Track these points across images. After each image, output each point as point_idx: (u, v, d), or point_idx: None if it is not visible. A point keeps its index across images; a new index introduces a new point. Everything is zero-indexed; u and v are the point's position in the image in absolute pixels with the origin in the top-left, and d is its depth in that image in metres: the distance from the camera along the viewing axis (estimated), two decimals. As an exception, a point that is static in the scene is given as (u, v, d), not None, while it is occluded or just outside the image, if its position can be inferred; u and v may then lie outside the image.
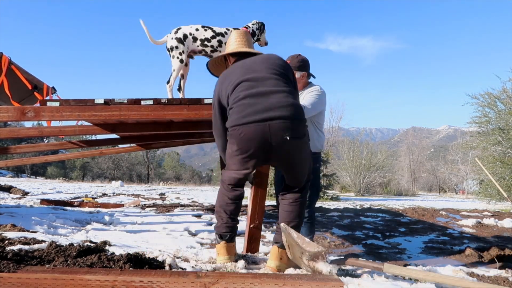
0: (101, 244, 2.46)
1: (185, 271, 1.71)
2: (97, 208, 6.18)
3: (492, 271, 2.43)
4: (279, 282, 1.44)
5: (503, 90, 9.85)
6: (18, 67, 3.66)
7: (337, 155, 24.56)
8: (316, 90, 2.86)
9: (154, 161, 47.57)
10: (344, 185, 23.66)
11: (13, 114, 2.61)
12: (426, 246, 3.89)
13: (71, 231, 3.45)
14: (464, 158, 30.85)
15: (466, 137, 23.06)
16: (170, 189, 17.61)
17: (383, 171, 23.61)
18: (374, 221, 6.03)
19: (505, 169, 9.17)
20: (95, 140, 5.48)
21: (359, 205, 10.00)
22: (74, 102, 2.59)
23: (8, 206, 5.59)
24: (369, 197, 18.55)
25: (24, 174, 40.98)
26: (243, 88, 1.95)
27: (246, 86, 1.95)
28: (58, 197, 8.52)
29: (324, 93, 2.88)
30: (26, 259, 1.70)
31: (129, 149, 7.08)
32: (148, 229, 3.96)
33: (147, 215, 5.36)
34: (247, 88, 1.94)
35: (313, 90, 2.86)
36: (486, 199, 10.26)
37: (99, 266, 1.67)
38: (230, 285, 1.41)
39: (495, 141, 9.69)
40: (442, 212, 7.38)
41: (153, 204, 7.76)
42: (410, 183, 41.07)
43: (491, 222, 5.86)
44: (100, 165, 43.85)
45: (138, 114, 2.59)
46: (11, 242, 2.16)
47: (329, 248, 3.67)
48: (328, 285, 1.45)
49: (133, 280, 1.38)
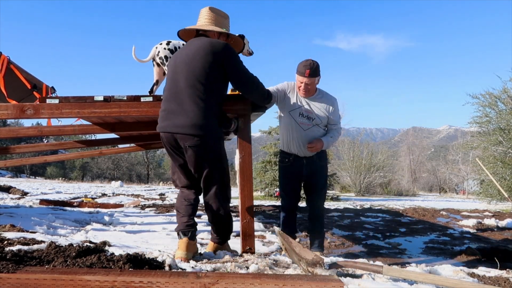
0: (101, 244, 2.46)
1: (185, 272, 1.71)
2: (96, 209, 6.18)
3: (493, 271, 2.42)
4: (279, 282, 1.43)
5: (504, 90, 9.84)
6: (17, 67, 3.65)
7: (337, 155, 24.55)
8: (337, 107, 3.12)
9: (154, 161, 47.56)
10: (344, 185, 23.66)
11: (13, 111, 2.59)
12: (427, 246, 3.89)
13: (71, 232, 3.44)
14: (464, 158, 30.84)
15: (467, 137, 23.07)
16: (170, 189, 17.60)
17: (383, 171, 23.61)
18: (375, 221, 6.03)
19: (505, 169, 9.16)
20: (94, 140, 5.48)
21: (360, 205, 10.00)
22: (74, 100, 2.59)
23: (7, 207, 5.59)
24: (369, 197, 18.55)
25: (24, 174, 40.98)
26: (164, 99, 2.32)
27: (166, 97, 2.30)
28: (57, 197, 8.52)
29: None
30: (25, 260, 1.69)
31: (129, 149, 7.08)
32: (148, 229, 3.96)
33: (147, 215, 5.35)
34: (166, 99, 2.29)
35: (336, 105, 3.09)
36: (487, 199, 10.25)
37: (98, 266, 1.66)
38: (230, 285, 1.41)
39: (495, 141, 9.68)
40: (443, 212, 7.37)
41: (153, 204, 7.75)
42: (410, 183, 41.04)
43: (492, 223, 5.85)
44: (100, 165, 43.85)
45: (138, 111, 2.58)
46: (10, 242, 2.15)
47: (329, 248, 3.66)
48: (328, 285, 1.44)
49: (133, 280, 1.38)
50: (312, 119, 2.99)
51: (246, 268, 2.01)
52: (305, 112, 2.99)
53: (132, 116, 2.93)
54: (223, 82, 2.30)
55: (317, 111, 2.99)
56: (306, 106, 2.99)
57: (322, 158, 3.12)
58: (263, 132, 14.76)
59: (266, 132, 14.56)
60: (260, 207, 7.85)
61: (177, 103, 2.20)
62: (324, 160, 3.15)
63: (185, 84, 2.20)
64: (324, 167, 3.17)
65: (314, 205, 3.15)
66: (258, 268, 1.97)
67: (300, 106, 2.99)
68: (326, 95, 3.08)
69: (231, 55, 2.25)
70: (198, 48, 2.23)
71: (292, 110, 3.01)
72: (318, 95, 3.05)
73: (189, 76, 2.19)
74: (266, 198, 13.69)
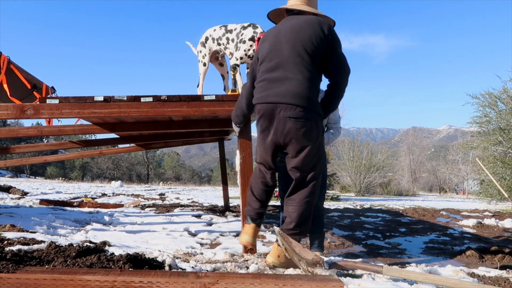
0: (101, 244, 2.46)
1: (185, 272, 1.71)
2: (96, 208, 6.18)
3: (493, 271, 2.42)
4: (279, 282, 1.43)
5: (504, 90, 9.84)
6: (17, 67, 3.65)
7: (337, 155, 24.54)
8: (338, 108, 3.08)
9: (154, 161, 47.56)
10: (344, 185, 23.64)
11: (13, 111, 2.60)
12: (427, 247, 3.88)
13: (71, 232, 3.44)
14: (464, 158, 30.84)
15: (467, 137, 23.06)
16: (170, 189, 17.60)
17: (383, 171, 23.60)
18: (375, 221, 6.02)
19: (505, 169, 9.16)
20: (94, 140, 5.48)
21: (359, 205, 9.99)
22: (74, 100, 2.59)
23: (7, 206, 5.58)
24: (369, 197, 18.54)
25: (24, 174, 40.97)
26: (264, 69, 2.16)
27: (267, 68, 2.14)
28: (57, 197, 8.51)
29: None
30: (25, 260, 1.69)
31: (129, 149, 7.08)
32: (147, 229, 3.96)
33: (146, 215, 5.35)
34: (267, 71, 2.13)
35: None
36: (487, 199, 10.24)
37: (98, 266, 1.66)
38: (230, 285, 1.41)
39: (495, 141, 9.68)
40: (443, 212, 7.37)
41: (152, 204, 7.75)
42: (410, 183, 41.04)
43: (492, 222, 5.85)
44: (100, 165, 43.83)
45: (137, 111, 2.58)
46: (10, 242, 2.15)
47: (329, 248, 3.66)
48: (328, 285, 1.44)
49: (133, 280, 1.38)
50: None
51: (246, 268, 2.01)
52: None
53: (132, 116, 2.93)
54: (324, 61, 2.14)
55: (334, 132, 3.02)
56: None
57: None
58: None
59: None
60: (260, 207, 7.83)
61: (281, 71, 2.07)
62: (323, 160, 3.16)
63: (291, 52, 2.07)
64: (323, 167, 3.18)
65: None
66: (258, 268, 1.98)
67: None
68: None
69: (336, 37, 2.16)
70: (305, 21, 2.13)
71: None
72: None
73: (297, 45, 2.07)
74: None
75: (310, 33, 2.08)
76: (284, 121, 2.02)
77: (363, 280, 1.80)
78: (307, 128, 2.04)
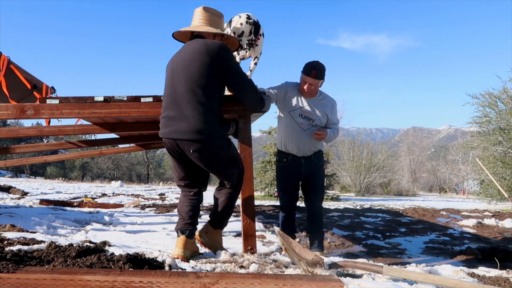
0: (101, 244, 2.46)
1: (185, 272, 1.71)
2: (96, 208, 6.18)
3: (493, 271, 2.42)
4: (279, 282, 1.43)
5: (504, 90, 9.84)
6: (17, 67, 3.65)
7: (337, 155, 24.55)
8: (336, 109, 3.23)
9: (154, 161, 47.54)
10: (344, 185, 23.65)
11: (13, 111, 2.59)
12: (427, 246, 3.89)
13: (71, 232, 3.44)
14: (464, 158, 30.82)
15: (467, 137, 23.05)
16: (170, 189, 17.60)
17: (383, 171, 23.61)
18: (375, 221, 6.03)
19: (505, 169, 9.16)
20: (94, 140, 5.48)
21: (359, 205, 10.00)
22: (74, 100, 2.58)
23: (7, 206, 5.58)
24: (369, 197, 18.55)
25: (24, 174, 40.96)
26: (164, 105, 2.31)
27: (166, 105, 2.29)
28: (57, 197, 8.52)
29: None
30: (25, 260, 1.69)
31: (129, 149, 7.08)
32: (148, 229, 3.96)
33: (147, 215, 5.35)
34: (166, 108, 2.28)
35: (335, 107, 3.18)
36: (487, 199, 10.24)
37: (98, 266, 1.66)
38: (230, 285, 1.41)
39: (495, 141, 9.68)
40: (443, 212, 7.37)
41: (153, 204, 7.75)
42: (410, 183, 41.04)
43: (492, 222, 5.86)
44: (100, 165, 43.83)
45: (138, 112, 2.58)
46: (10, 242, 2.15)
47: (329, 248, 3.66)
48: (328, 285, 1.44)
49: (133, 280, 1.38)
50: (312, 120, 3.01)
51: (246, 268, 2.01)
52: (305, 113, 3.00)
53: (132, 117, 2.93)
54: (221, 83, 2.29)
55: (317, 113, 3.02)
56: (307, 107, 3.01)
57: (319, 158, 3.14)
58: (263, 132, 14.76)
59: (266, 132, 14.56)
60: (260, 207, 7.85)
61: (177, 109, 2.19)
62: (321, 160, 3.17)
63: (183, 89, 2.18)
64: (322, 167, 3.19)
65: (313, 205, 3.15)
66: (258, 268, 1.97)
67: (301, 107, 3.01)
68: (327, 97, 3.12)
69: (226, 55, 2.23)
70: (193, 52, 2.21)
71: (293, 110, 3.02)
72: (319, 96, 3.09)
73: (187, 82, 2.18)
74: (266, 198, 13.68)
75: (199, 65, 2.18)
76: (190, 153, 2.23)
77: (363, 280, 1.80)
78: (212, 153, 2.26)
